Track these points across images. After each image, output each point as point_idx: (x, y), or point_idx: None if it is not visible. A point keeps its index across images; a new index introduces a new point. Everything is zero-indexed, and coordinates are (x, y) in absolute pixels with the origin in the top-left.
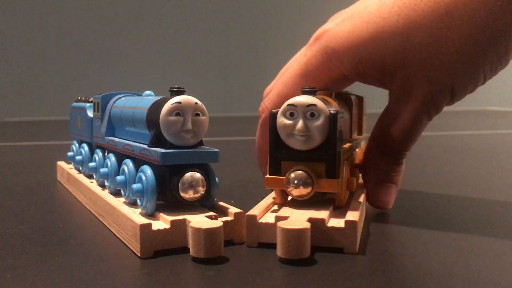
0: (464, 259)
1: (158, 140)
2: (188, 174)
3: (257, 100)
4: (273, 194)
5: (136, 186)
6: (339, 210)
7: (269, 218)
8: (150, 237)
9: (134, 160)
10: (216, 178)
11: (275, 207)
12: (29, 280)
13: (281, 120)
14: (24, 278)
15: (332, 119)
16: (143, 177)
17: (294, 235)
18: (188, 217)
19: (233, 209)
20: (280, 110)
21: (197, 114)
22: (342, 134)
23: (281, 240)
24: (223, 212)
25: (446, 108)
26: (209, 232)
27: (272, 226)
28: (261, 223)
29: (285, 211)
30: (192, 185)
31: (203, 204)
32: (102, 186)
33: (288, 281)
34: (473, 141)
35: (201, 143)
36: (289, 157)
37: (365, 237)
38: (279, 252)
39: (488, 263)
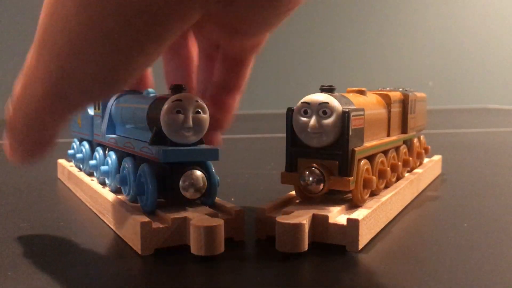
0: (466, 257)
1: (158, 137)
2: (189, 172)
3: (257, 97)
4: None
5: (136, 184)
6: (355, 209)
7: (279, 212)
8: (150, 235)
9: (134, 158)
10: (217, 176)
11: (297, 201)
12: (30, 278)
13: (296, 117)
14: (25, 276)
15: (345, 116)
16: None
17: (289, 229)
18: (188, 215)
19: (233, 207)
20: (296, 108)
21: (198, 112)
22: (361, 132)
23: (277, 234)
24: (223, 210)
25: (446, 106)
26: (209, 230)
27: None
28: (269, 216)
29: (297, 206)
30: (192, 183)
31: (204, 202)
32: (103, 184)
33: (287, 279)
34: (473, 139)
35: (201, 141)
36: (305, 154)
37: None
38: (276, 245)
39: (491, 261)
